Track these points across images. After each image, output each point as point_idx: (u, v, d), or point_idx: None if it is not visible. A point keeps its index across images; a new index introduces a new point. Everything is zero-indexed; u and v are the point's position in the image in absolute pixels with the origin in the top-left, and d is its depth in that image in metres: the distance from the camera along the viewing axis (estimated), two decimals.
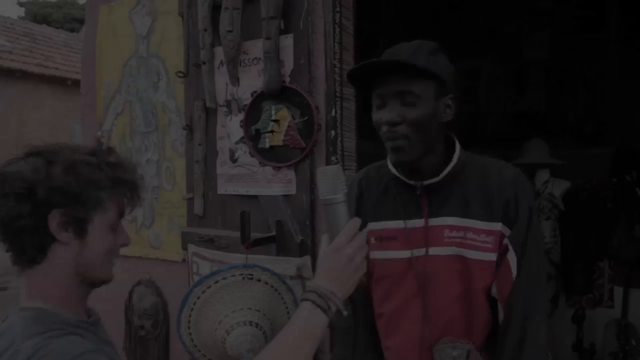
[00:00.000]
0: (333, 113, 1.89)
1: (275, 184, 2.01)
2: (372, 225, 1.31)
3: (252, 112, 2.05)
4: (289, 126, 1.96)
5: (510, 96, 4.94)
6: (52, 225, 0.94)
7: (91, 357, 0.87)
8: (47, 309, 0.96)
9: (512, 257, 1.22)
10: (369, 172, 1.40)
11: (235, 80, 2.09)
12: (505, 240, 1.23)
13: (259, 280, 1.64)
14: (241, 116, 2.09)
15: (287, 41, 1.96)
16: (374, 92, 1.22)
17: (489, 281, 1.24)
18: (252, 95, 2.05)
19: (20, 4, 21.75)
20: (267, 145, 2.00)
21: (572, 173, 3.49)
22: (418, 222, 1.27)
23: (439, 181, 1.24)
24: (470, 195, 1.24)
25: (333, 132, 1.90)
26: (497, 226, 1.23)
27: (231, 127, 2.13)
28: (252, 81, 2.05)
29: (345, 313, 1.00)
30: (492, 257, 1.23)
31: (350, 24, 2.00)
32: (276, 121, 1.98)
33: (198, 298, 1.62)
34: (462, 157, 1.27)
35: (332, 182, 1.02)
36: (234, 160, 2.13)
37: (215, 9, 2.09)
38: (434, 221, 1.25)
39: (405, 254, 1.28)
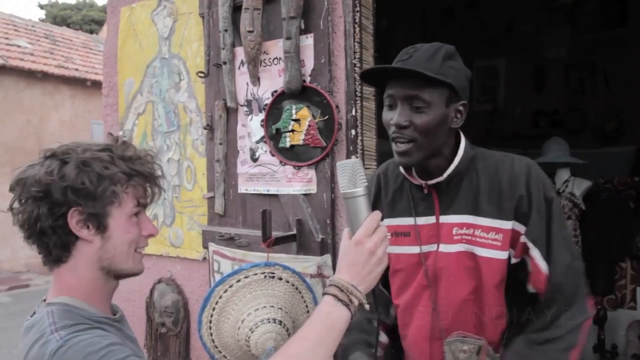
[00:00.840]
0: (353, 112, 1.90)
1: (296, 182, 2.02)
2: (388, 221, 1.33)
3: (273, 111, 2.06)
4: (309, 125, 1.97)
5: (530, 95, 4.89)
6: (72, 223, 0.97)
7: (117, 349, 0.89)
8: (74, 304, 0.99)
9: (536, 254, 1.19)
10: (387, 168, 1.43)
11: (255, 80, 2.11)
12: (523, 238, 1.20)
13: (280, 278, 1.65)
14: (262, 115, 2.10)
15: (308, 41, 1.97)
16: (386, 91, 1.22)
17: (498, 278, 1.22)
18: (272, 94, 2.06)
19: (41, 6, 22.12)
20: (288, 145, 2.02)
21: (592, 172, 3.45)
22: (429, 220, 1.29)
23: (445, 180, 1.24)
24: (480, 192, 1.24)
25: (353, 131, 1.90)
26: (508, 225, 1.20)
27: (252, 127, 2.15)
28: (273, 81, 2.07)
29: (367, 307, 1.00)
30: (502, 255, 1.21)
31: (370, 24, 2.00)
32: (297, 120, 1.99)
33: (220, 297, 1.63)
34: (469, 154, 1.26)
35: (352, 175, 1.02)
36: (254, 159, 2.15)
37: (236, 9, 2.11)
38: (445, 218, 1.27)
39: (415, 249, 1.30)
